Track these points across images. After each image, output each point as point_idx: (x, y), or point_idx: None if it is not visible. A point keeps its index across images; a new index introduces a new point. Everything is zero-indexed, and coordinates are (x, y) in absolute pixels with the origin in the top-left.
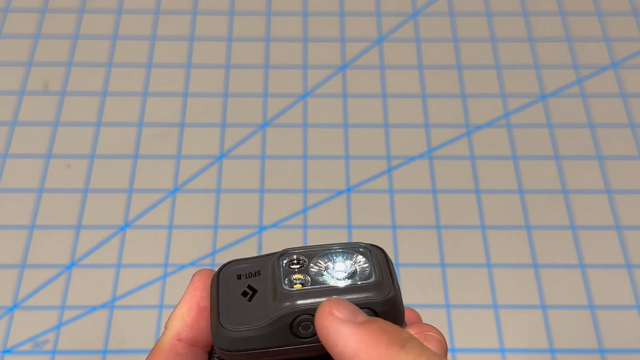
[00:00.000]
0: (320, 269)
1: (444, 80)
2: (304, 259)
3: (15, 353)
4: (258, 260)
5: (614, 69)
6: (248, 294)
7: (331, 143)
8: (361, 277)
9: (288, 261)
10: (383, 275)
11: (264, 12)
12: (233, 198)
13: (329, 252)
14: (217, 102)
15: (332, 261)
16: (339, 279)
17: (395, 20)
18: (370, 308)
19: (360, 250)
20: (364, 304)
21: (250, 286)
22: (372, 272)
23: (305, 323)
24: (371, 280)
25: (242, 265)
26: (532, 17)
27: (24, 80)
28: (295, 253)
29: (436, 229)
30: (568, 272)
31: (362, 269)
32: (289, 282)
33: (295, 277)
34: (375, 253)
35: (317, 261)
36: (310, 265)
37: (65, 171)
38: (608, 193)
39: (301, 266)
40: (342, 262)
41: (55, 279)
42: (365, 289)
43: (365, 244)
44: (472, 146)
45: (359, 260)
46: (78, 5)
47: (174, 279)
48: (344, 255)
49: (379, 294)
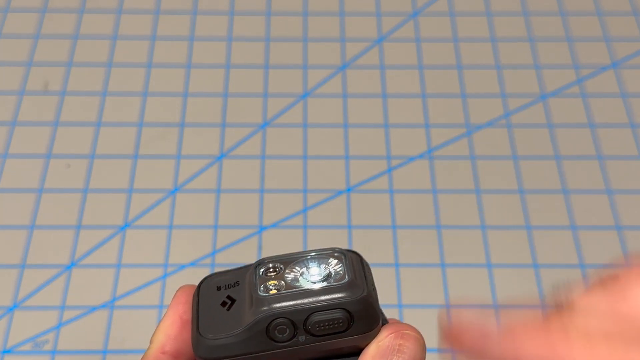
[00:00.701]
0: (295, 275)
1: (444, 80)
2: (280, 266)
3: (15, 353)
4: (237, 271)
5: (614, 68)
6: (227, 303)
7: (331, 143)
8: (335, 278)
9: (265, 269)
10: (356, 276)
11: (264, 12)
12: (233, 198)
13: (304, 258)
14: (217, 102)
15: (306, 266)
16: (313, 282)
17: (395, 20)
18: (344, 308)
19: (335, 254)
20: (337, 305)
21: (230, 296)
22: (345, 273)
23: (281, 327)
24: (344, 281)
25: (221, 277)
26: (533, 17)
27: (23, 80)
28: (271, 261)
29: (436, 229)
30: (568, 272)
31: (336, 272)
32: (265, 289)
33: (270, 284)
34: (350, 257)
35: (292, 267)
36: (286, 272)
37: (65, 171)
38: (608, 193)
39: (277, 273)
40: (317, 267)
41: (55, 279)
42: (339, 289)
43: (340, 248)
44: (472, 146)
45: (333, 264)
46: (78, 5)
47: (174, 279)
48: (319, 260)
49: (351, 294)
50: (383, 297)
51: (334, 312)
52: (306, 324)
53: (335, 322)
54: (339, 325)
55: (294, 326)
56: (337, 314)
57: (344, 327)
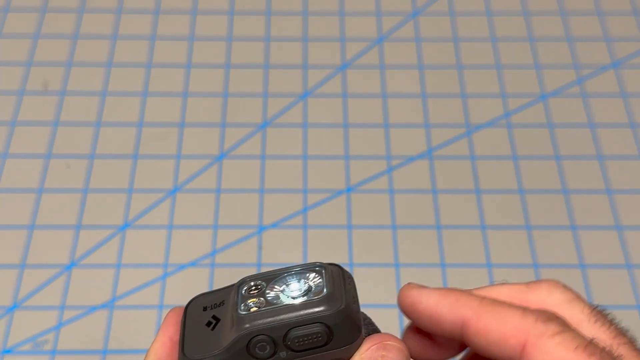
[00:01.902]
0: (276, 292)
1: (444, 80)
2: (262, 283)
3: (15, 353)
4: (223, 291)
5: (615, 68)
6: (212, 323)
7: (331, 143)
8: (314, 292)
9: (247, 288)
10: (335, 289)
11: (264, 12)
12: (233, 198)
13: (285, 275)
14: (217, 102)
15: (287, 283)
16: (294, 297)
17: (395, 20)
18: (322, 322)
19: (315, 269)
20: (315, 319)
21: (214, 316)
22: (324, 287)
23: (261, 344)
24: (322, 295)
25: (208, 298)
26: (533, 16)
27: (23, 80)
28: (253, 280)
29: (436, 229)
30: (568, 272)
31: (316, 285)
32: (245, 307)
33: (251, 301)
34: (330, 270)
35: (273, 285)
36: (267, 289)
37: (65, 171)
38: (608, 193)
39: (259, 291)
40: (297, 282)
41: (55, 279)
42: (316, 303)
43: (321, 263)
44: (472, 146)
45: (312, 278)
46: (78, 5)
47: (174, 279)
48: (299, 276)
49: (329, 307)
50: (383, 298)
51: (312, 326)
52: (286, 339)
53: (315, 336)
54: (319, 339)
55: (274, 343)
56: (316, 328)
57: (323, 341)
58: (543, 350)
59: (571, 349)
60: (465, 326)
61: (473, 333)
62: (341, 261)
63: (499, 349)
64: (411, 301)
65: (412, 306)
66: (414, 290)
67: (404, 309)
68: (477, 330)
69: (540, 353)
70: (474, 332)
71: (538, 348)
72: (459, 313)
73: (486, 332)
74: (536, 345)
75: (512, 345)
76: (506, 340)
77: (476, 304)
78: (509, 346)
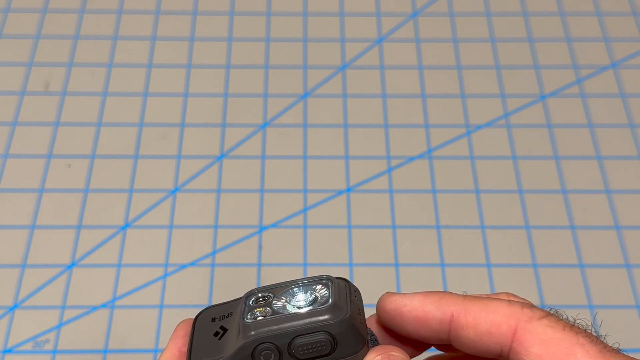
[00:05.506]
0: (283, 302)
1: (444, 80)
2: (269, 294)
3: (15, 353)
4: (231, 303)
5: (614, 69)
6: (219, 333)
7: (331, 143)
8: (320, 302)
9: (254, 299)
10: (340, 299)
11: (264, 12)
12: (233, 198)
13: (292, 287)
14: (217, 102)
15: (293, 294)
16: (299, 307)
17: (395, 20)
18: (326, 331)
19: (322, 281)
20: (319, 328)
21: (222, 327)
22: (329, 297)
23: (266, 352)
24: (327, 304)
25: (216, 309)
26: (532, 17)
27: (24, 80)
28: (260, 291)
29: (436, 229)
30: (568, 272)
31: (322, 296)
32: (252, 316)
33: (257, 311)
34: (337, 282)
35: (280, 296)
36: (274, 300)
37: (66, 171)
38: (608, 193)
39: (265, 301)
40: (303, 293)
41: (55, 278)
42: (321, 312)
43: (329, 275)
44: (472, 146)
45: (319, 289)
46: (78, 5)
47: (174, 279)
48: (306, 287)
49: (333, 317)
50: None
51: (316, 334)
52: (290, 347)
53: (319, 344)
54: (323, 347)
55: (278, 351)
56: (320, 337)
57: (327, 350)
58: (534, 333)
59: (560, 329)
60: (454, 321)
61: (462, 327)
62: (341, 261)
63: (490, 338)
64: (394, 306)
65: (396, 310)
66: (395, 296)
67: (386, 316)
68: (467, 323)
69: (532, 335)
70: (464, 326)
71: (529, 331)
72: (446, 309)
73: (476, 324)
74: (527, 329)
75: (503, 331)
76: (497, 327)
77: (461, 300)
78: (499, 333)
